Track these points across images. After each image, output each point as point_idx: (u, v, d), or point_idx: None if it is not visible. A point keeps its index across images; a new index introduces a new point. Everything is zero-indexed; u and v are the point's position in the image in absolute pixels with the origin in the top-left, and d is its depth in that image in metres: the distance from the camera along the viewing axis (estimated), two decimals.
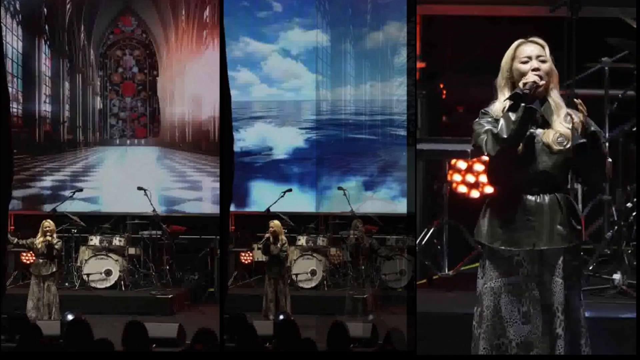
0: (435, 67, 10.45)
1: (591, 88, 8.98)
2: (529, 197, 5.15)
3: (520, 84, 5.08)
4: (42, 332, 6.69)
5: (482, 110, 5.24)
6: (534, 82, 5.06)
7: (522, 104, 5.03)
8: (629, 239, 8.63)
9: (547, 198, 5.14)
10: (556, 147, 5.10)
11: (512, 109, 5.05)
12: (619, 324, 7.21)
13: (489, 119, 5.16)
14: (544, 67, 5.14)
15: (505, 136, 5.04)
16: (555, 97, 5.17)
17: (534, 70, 5.11)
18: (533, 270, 5.14)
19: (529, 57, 5.14)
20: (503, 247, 5.19)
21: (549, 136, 5.10)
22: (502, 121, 5.06)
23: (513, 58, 5.18)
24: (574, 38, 8.17)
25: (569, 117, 5.12)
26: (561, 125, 5.11)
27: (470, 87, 10.14)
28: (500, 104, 5.18)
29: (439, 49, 10.63)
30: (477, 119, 5.23)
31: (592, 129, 5.07)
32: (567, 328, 5.13)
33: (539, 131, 5.13)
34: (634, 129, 8.65)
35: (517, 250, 5.16)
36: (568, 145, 5.07)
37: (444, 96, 10.01)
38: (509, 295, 5.16)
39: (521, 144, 5.09)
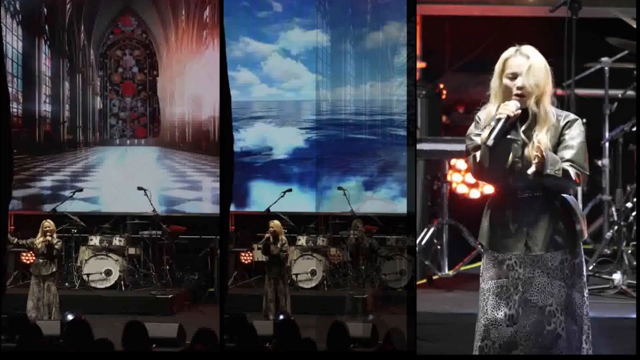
0: (435, 67, 10.45)
1: (591, 88, 8.99)
2: (523, 201, 5.14)
3: (497, 114, 5.01)
4: (42, 332, 6.70)
5: (477, 116, 5.23)
6: (507, 117, 4.98)
7: (503, 136, 5.00)
8: (629, 239, 8.64)
9: (541, 201, 5.12)
10: (534, 167, 5.03)
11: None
12: (619, 324, 7.21)
13: (478, 132, 5.15)
14: (530, 82, 5.07)
15: (486, 166, 5.05)
16: (543, 109, 5.08)
17: (518, 88, 5.04)
18: (525, 273, 5.14)
19: (514, 74, 5.07)
20: (496, 252, 5.19)
21: (530, 154, 5.06)
22: (483, 150, 5.03)
23: (502, 71, 5.12)
24: (574, 38, 8.18)
25: (558, 121, 5.10)
26: (544, 135, 5.05)
27: (470, 87, 10.14)
28: (490, 108, 5.15)
29: (439, 49, 10.64)
30: (470, 128, 5.22)
31: (547, 171, 4.96)
32: (570, 326, 5.13)
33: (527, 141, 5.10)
34: (634, 129, 8.65)
35: (509, 255, 5.17)
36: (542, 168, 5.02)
37: (444, 96, 10.01)
38: (496, 298, 5.17)
39: (511, 155, 5.08)
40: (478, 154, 5.07)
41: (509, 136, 5.04)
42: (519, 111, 5.04)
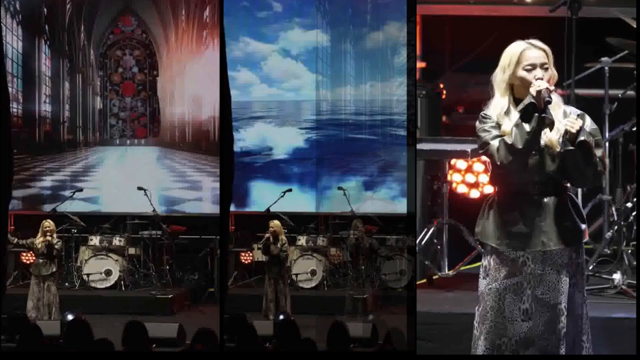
0: (435, 67, 10.45)
1: (591, 88, 8.99)
2: (535, 198, 5.15)
3: (533, 92, 5.02)
4: (42, 332, 6.69)
5: (482, 114, 5.21)
6: (547, 89, 5.02)
7: (536, 114, 5.00)
8: (629, 239, 8.63)
9: (552, 199, 5.14)
10: (559, 149, 5.08)
11: (525, 118, 5.02)
12: (619, 324, 7.21)
13: (493, 124, 5.13)
14: (547, 75, 5.12)
15: (520, 147, 5.01)
16: (553, 97, 5.16)
17: (538, 79, 5.07)
18: (536, 269, 5.15)
19: (533, 65, 5.11)
20: (511, 250, 5.19)
21: (553, 138, 5.09)
22: (515, 131, 5.01)
23: (517, 63, 5.13)
24: (574, 38, 8.17)
25: (565, 115, 5.13)
26: (561, 124, 5.11)
27: (470, 87, 10.14)
28: (500, 104, 5.17)
29: (439, 49, 10.64)
30: (479, 124, 5.19)
31: (582, 138, 5.04)
32: (570, 325, 5.15)
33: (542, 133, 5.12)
34: (634, 129, 8.65)
35: (523, 252, 5.17)
36: (570, 147, 5.06)
37: (444, 96, 10.01)
38: (512, 295, 5.18)
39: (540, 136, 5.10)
40: (507, 137, 5.05)
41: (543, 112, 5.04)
42: (553, 87, 5.08)
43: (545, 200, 5.14)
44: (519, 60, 5.14)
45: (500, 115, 5.13)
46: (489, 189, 9.40)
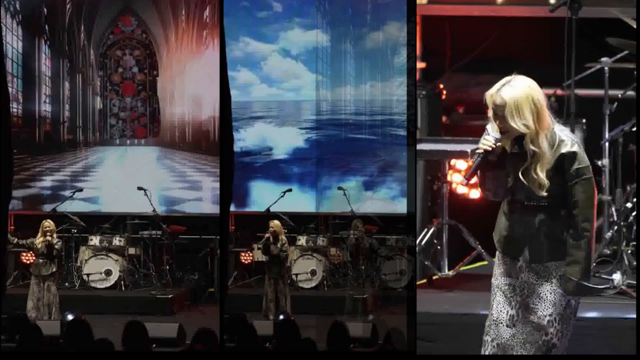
0: (435, 67, 10.46)
1: (591, 88, 8.99)
2: (528, 210, 5.11)
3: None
4: (42, 332, 6.70)
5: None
6: (485, 152, 4.99)
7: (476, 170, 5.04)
8: (629, 239, 8.64)
9: (546, 211, 5.08)
10: (539, 193, 5.04)
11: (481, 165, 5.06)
12: (619, 324, 7.22)
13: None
14: (504, 125, 4.96)
15: (485, 190, 5.12)
16: (535, 143, 4.96)
17: (495, 132, 5.02)
18: (530, 278, 5.14)
19: (494, 112, 5.00)
20: (503, 253, 5.20)
21: (532, 182, 5.02)
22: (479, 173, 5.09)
23: (489, 103, 5.05)
24: (574, 38, 8.18)
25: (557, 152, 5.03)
26: (540, 173, 4.98)
27: (470, 87, 10.15)
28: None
29: (439, 49, 10.65)
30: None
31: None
32: (565, 332, 5.13)
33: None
34: (634, 129, 8.65)
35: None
36: (545, 193, 5.01)
37: (444, 96, 10.02)
38: (502, 296, 5.18)
39: (511, 176, 5.07)
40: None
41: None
42: (499, 144, 5.00)
43: (539, 212, 5.08)
44: (489, 101, 5.05)
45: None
46: None
